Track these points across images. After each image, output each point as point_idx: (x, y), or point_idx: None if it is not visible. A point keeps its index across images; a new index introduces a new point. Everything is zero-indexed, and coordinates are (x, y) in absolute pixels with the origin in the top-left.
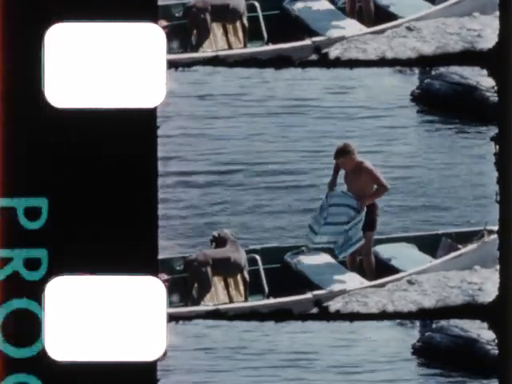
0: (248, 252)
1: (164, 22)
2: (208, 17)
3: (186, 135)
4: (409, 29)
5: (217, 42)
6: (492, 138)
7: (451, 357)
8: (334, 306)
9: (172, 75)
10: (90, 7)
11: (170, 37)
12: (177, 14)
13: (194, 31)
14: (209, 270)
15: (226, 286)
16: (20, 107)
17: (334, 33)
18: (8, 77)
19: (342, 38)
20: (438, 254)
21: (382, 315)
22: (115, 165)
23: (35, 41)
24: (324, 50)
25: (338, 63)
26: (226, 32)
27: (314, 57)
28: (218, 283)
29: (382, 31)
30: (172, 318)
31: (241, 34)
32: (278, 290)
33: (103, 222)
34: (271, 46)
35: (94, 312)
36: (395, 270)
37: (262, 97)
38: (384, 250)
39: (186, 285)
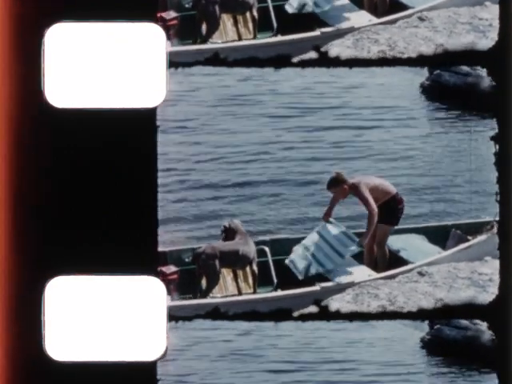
0: (257, 243)
1: (173, 13)
2: (217, 8)
3: (187, 133)
4: (420, 19)
5: (227, 34)
6: (492, 138)
7: (460, 349)
8: (344, 298)
9: (172, 74)
10: (90, 7)
11: (179, 28)
12: (187, 5)
13: (204, 23)
14: (217, 262)
15: (235, 278)
16: (20, 107)
17: (343, 24)
18: (8, 77)
19: (351, 29)
20: (447, 246)
21: (383, 315)
22: (115, 165)
23: (35, 41)
24: (334, 41)
25: (338, 61)
26: (236, 23)
27: (322, 49)
28: (226, 275)
29: (394, 21)
30: (172, 317)
31: (251, 25)
32: (287, 282)
33: (103, 222)
34: (278, 38)
35: (94, 312)
36: (405, 262)
37: (267, 94)
38: (393, 242)
39: (195, 277)
